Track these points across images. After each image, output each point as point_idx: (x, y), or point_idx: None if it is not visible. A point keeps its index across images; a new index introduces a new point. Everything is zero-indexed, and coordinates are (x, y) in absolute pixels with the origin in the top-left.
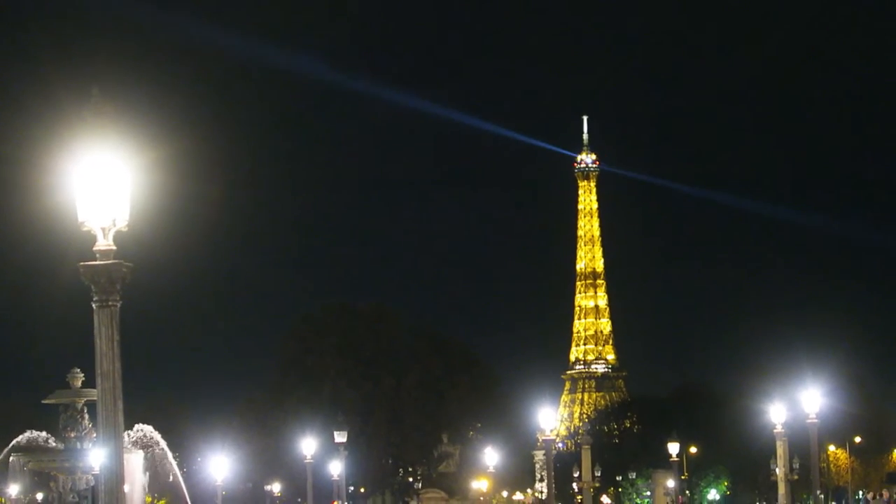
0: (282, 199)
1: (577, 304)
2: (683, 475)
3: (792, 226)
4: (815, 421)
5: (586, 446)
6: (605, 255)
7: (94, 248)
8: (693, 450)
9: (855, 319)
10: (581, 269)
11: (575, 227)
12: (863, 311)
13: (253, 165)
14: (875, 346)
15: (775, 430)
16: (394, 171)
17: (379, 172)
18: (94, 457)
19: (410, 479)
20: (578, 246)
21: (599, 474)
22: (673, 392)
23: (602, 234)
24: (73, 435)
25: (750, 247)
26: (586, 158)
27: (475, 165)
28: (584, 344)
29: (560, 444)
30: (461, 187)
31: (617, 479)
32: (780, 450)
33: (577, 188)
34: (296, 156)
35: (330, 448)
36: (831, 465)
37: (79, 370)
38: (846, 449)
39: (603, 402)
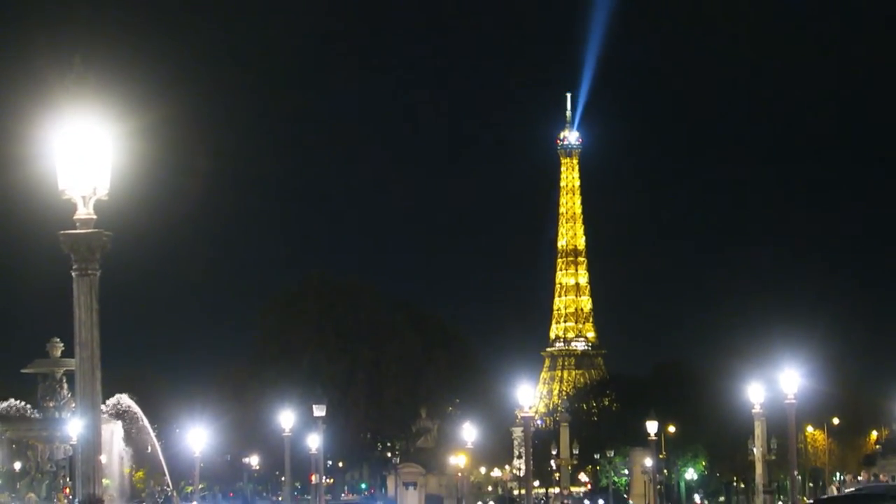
0: (265, 169)
1: (557, 281)
2: (661, 454)
3: (772, 204)
4: (793, 402)
5: (565, 424)
6: (586, 233)
7: (75, 217)
8: (671, 429)
9: (834, 300)
10: (562, 246)
11: (557, 204)
12: (842, 293)
13: (238, 135)
14: (855, 327)
15: (753, 411)
16: (377, 145)
17: (363, 147)
18: (73, 426)
19: (388, 454)
20: (560, 223)
21: (577, 452)
22: (652, 371)
23: (584, 212)
24: (51, 404)
25: (730, 226)
26: (569, 136)
27: (457, 141)
28: (565, 321)
29: (539, 422)
30: (443, 163)
31: (595, 456)
32: (758, 430)
33: (559, 165)
34: (282, 127)
35: (308, 422)
36: (809, 446)
37: (58, 339)
38: (824, 430)
39: (582, 379)
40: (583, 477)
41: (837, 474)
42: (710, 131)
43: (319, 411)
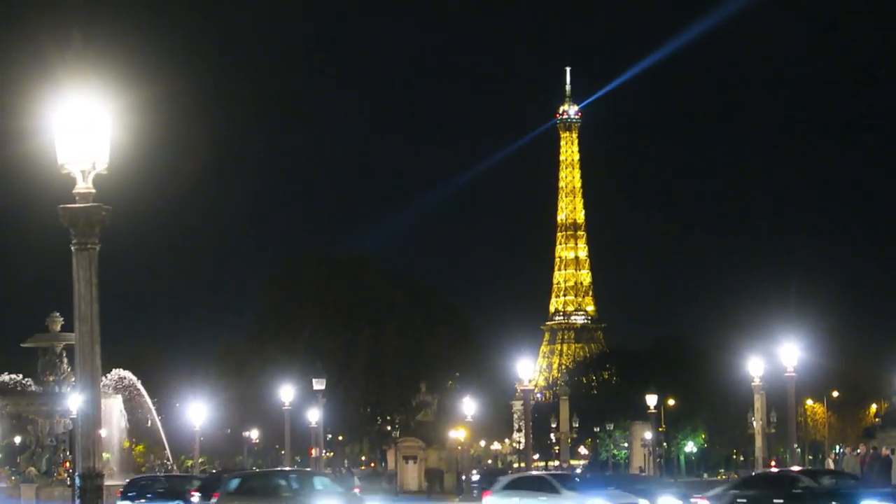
0: (267, 144)
1: (557, 255)
2: (661, 427)
3: (772, 179)
4: (793, 375)
5: (564, 397)
6: (585, 207)
7: (74, 191)
8: (671, 402)
9: (833, 274)
10: (562, 220)
11: (556, 178)
12: (841, 266)
13: (237, 110)
14: (854, 300)
15: (753, 384)
16: (376, 121)
17: (363, 120)
18: (72, 401)
19: (388, 428)
20: (559, 197)
21: (577, 425)
22: (652, 344)
23: (583, 186)
24: (51, 379)
25: (730, 200)
26: (569, 110)
27: (456, 115)
28: (564, 295)
29: (538, 395)
30: (443, 137)
31: (594, 430)
32: (758, 403)
33: (558, 139)
34: (284, 99)
35: (308, 396)
36: (808, 419)
37: (58, 314)
38: (824, 403)
39: (582, 353)
40: (583, 450)
41: (837, 447)
42: (712, 105)
43: (319, 385)
